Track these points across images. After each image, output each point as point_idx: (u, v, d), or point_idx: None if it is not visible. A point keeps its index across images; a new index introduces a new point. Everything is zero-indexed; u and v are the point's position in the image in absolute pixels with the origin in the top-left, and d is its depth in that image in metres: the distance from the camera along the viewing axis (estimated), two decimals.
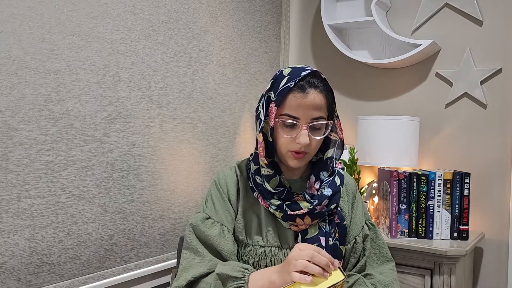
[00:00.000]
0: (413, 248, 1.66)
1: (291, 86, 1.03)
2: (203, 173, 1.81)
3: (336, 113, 1.12)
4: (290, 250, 1.07)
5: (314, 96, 1.03)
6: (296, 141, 1.04)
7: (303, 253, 0.94)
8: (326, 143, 1.14)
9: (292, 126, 1.05)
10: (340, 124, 1.13)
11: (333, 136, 1.14)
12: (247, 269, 1.02)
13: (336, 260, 0.97)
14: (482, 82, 1.98)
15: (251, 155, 1.16)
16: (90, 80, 1.37)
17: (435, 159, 2.10)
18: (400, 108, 2.18)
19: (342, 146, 1.15)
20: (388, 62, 2.08)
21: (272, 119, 1.04)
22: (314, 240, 1.08)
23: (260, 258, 1.08)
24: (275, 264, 1.07)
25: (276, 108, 1.04)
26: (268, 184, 1.08)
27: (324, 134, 1.08)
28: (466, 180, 1.76)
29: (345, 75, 2.31)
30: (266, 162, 1.08)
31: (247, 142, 2.07)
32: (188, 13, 1.72)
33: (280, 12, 2.31)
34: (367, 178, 2.22)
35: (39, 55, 1.23)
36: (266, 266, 1.07)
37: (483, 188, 1.98)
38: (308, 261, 0.93)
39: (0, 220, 1.16)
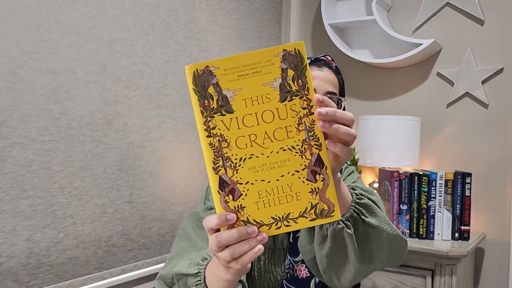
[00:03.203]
0: (414, 249, 1.65)
1: (307, 62, 1.05)
2: (203, 173, 1.80)
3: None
4: (285, 251, 1.04)
5: (329, 74, 1.05)
6: None
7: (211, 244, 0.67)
8: None
9: None
10: None
11: None
12: (205, 259, 0.86)
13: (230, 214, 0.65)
14: (483, 82, 1.97)
15: None
16: (88, 80, 1.36)
17: (436, 159, 2.09)
18: (401, 107, 2.17)
19: None
20: (389, 62, 2.07)
21: None
22: None
23: (254, 260, 1.03)
24: (269, 267, 1.04)
25: None
26: None
27: None
28: (467, 180, 1.75)
29: (346, 74, 2.30)
30: None
31: None
32: (188, 12, 1.71)
33: (281, 11, 2.30)
34: (368, 179, 2.21)
35: (38, 54, 1.23)
36: (259, 269, 1.03)
37: (484, 188, 1.97)
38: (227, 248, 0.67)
39: None
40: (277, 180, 0.62)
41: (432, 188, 1.76)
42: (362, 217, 0.80)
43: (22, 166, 1.20)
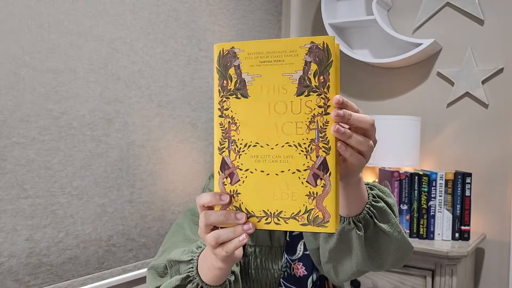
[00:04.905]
0: (414, 249, 1.65)
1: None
2: (203, 173, 1.80)
3: None
4: (281, 249, 1.03)
5: None
6: None
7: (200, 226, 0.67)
8: None
9: None
10: None
11: None
12: (200, 247, 0.85)
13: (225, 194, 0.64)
14: (483, 82, 1.97)
15: None
16: (89, 79, 1.36)
17: (437, 159, 2.09)
18: (401, 107, 2.17)
19: None
20: (389, 62, 2.07)
21: None
22: (301, 236, 1.03)
23: (250, 258, 1.03)
24: (266, 264, 1.03)
25: None
26: None
27: None
28: (468, 180, 1.75)
29: (346, 74, 2.30)
30: None
31: None
32: (188, 11, 1.71)
33: (281, 11, 2.29)
34: (368, 179, 2.21)
35: (38, 54, 1.22)
36: (256, 267, 1.03)
37: (484, 188, 1.97)
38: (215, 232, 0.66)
39: None
40: (276, 174, 0.60)
41: (432, 188, 1.76)
42: (375, 220, 0.78)
43: (22, 166, 1.20)
